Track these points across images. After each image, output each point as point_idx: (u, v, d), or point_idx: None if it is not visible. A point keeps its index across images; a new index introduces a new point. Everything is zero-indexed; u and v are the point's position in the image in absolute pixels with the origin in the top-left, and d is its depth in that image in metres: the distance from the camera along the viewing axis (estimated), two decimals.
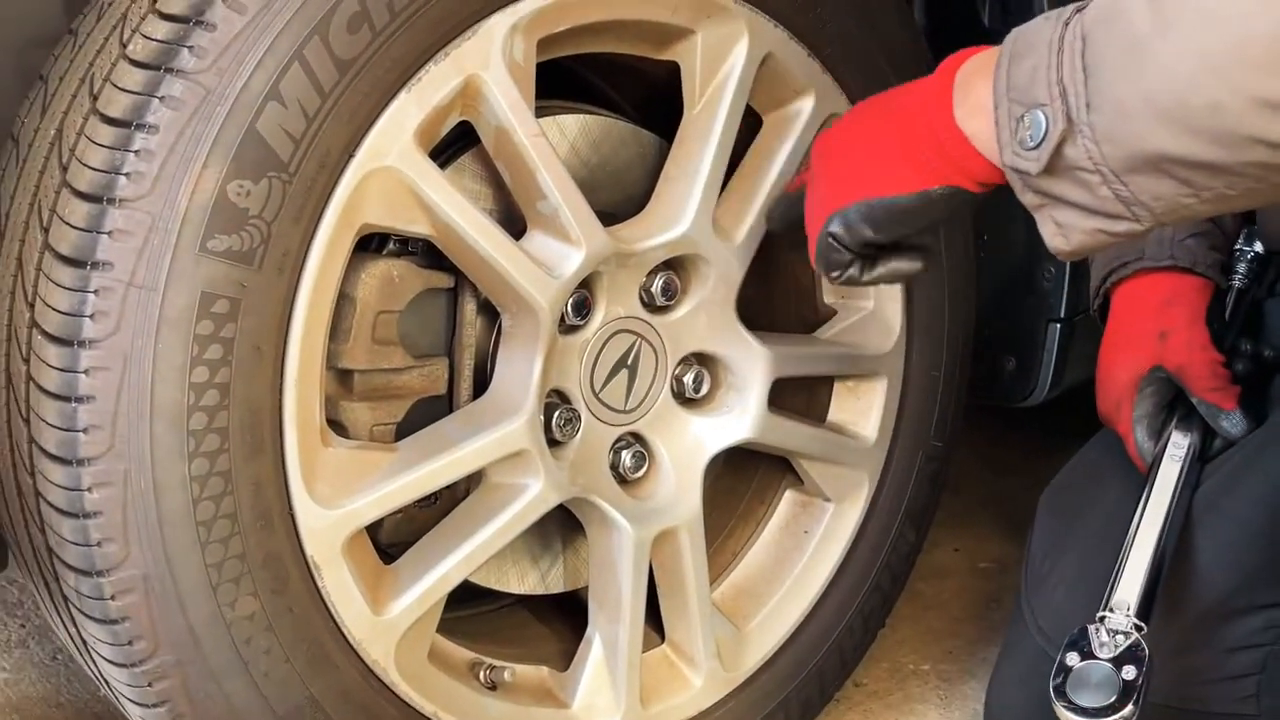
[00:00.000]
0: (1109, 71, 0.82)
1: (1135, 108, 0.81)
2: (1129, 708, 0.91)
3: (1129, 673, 0.93)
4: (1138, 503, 1.08)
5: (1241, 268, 1.19)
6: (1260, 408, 1.13)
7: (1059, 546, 1.16)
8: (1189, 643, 1.06)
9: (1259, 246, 1.19)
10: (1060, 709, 0.92)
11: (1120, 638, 0.95)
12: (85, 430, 0.91)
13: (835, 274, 1.02)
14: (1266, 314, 1.19)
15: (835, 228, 0.99)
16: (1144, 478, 1.11)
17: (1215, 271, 1.19)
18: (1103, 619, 0.97)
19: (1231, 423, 1.10)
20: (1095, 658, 0.94)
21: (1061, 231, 0.89)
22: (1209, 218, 1.16)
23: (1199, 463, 1.11)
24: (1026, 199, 0.90)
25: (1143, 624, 0.97)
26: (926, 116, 0.94)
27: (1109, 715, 0.91)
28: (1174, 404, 1.13)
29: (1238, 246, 1.20)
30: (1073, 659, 0.95)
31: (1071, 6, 0.87)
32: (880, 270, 1.02)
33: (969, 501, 1.78)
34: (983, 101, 0.91)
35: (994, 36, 1.34)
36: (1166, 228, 1.05)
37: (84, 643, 0.99)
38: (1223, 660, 1.06)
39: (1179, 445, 1.10)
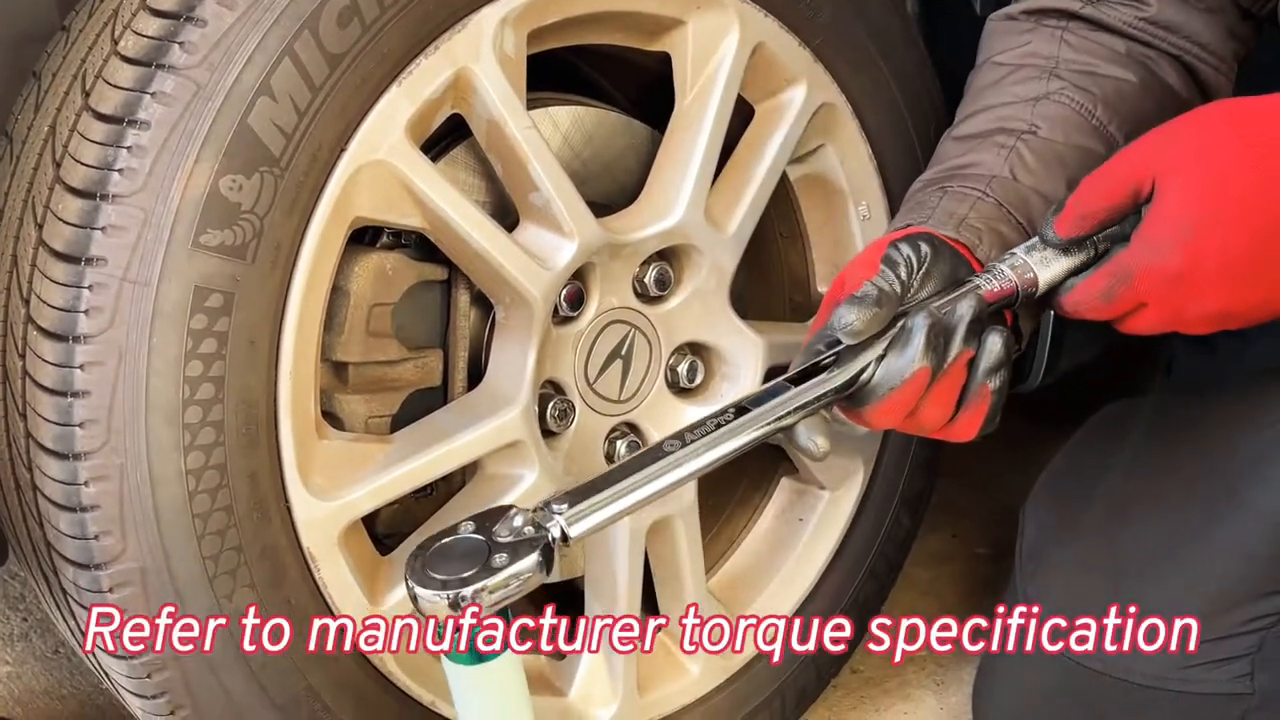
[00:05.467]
0: None
1: None
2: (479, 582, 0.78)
3: (506, 556, 0.79)
4: (1136, 487, 1.08)
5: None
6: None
7: (1054, 532, 1.17)
8: (1198, 632, 1.06)
9: None
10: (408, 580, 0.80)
11: (530, 530, 0.82)
12: (81, 425, 0.91)
13: None
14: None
15: None
16: (1146, 460, 1.09)
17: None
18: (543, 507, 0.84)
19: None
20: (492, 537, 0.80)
21: None
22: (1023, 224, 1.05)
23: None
24: None
25: (568, 538, 0.83)
26: None
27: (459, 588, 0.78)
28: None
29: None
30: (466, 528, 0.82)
31: None
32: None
33: (965, 487, 1.79)
34: None
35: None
36: (962, 206, 1.00)
37: (84, 636, 1.00)
38: (1220, 644, 1.07)
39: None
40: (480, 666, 0.80)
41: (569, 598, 1.24)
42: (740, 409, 0.90)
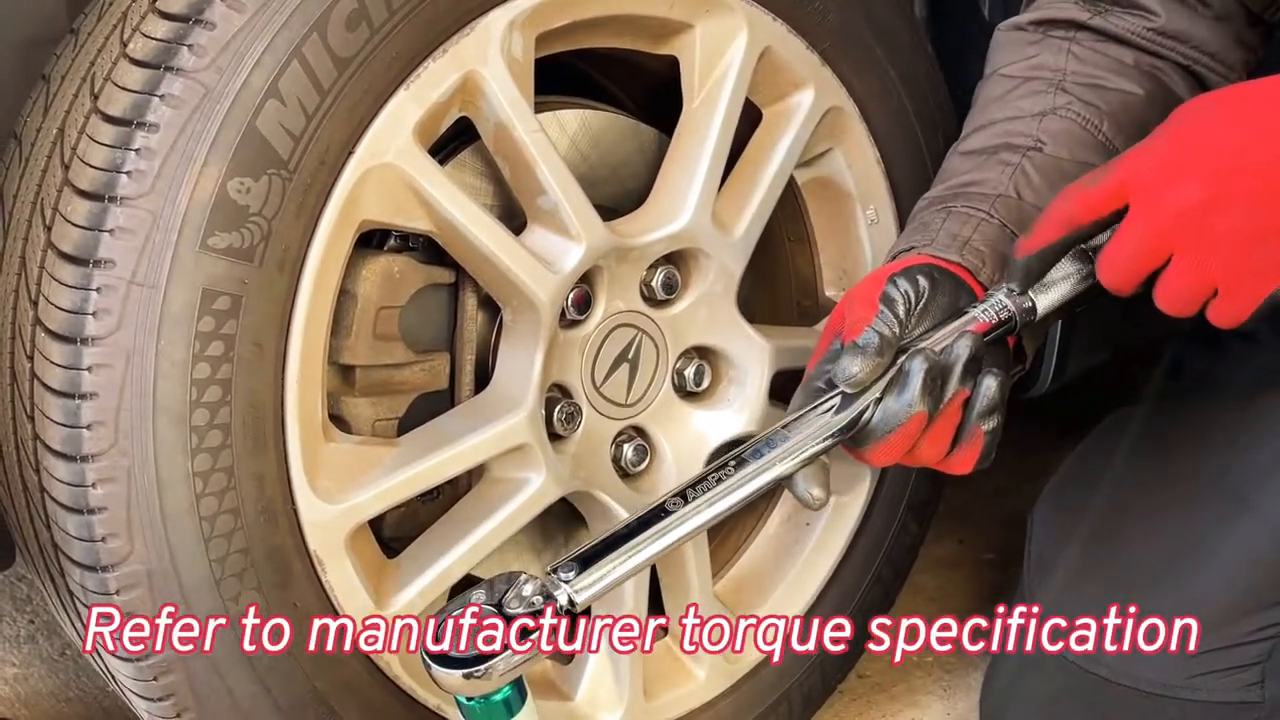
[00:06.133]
0: None
1: None
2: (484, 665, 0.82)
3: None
4: (1142, 494, 1.07)
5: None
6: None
7: (1062, 539, 1.17)
8: (1198, 635, 1.06)
9: None
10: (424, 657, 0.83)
11: (539, 600, 0.84)
12: (89, 427, 0.92)
13: None
14: None
15: None
16: (1152, 468, 1.09)
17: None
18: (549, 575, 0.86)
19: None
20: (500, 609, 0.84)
21: None
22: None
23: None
24: None
25: (576, 605, 0.86)
26: None
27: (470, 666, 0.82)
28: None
29: None
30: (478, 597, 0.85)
31: None
32: None
33: (972, 494, 1.79)
34: None
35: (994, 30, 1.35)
36: (966, 228, 1.01)
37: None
38: (1229, 652, 1.07)
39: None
40: None
41: None
42: (740, 461, 0.92)
